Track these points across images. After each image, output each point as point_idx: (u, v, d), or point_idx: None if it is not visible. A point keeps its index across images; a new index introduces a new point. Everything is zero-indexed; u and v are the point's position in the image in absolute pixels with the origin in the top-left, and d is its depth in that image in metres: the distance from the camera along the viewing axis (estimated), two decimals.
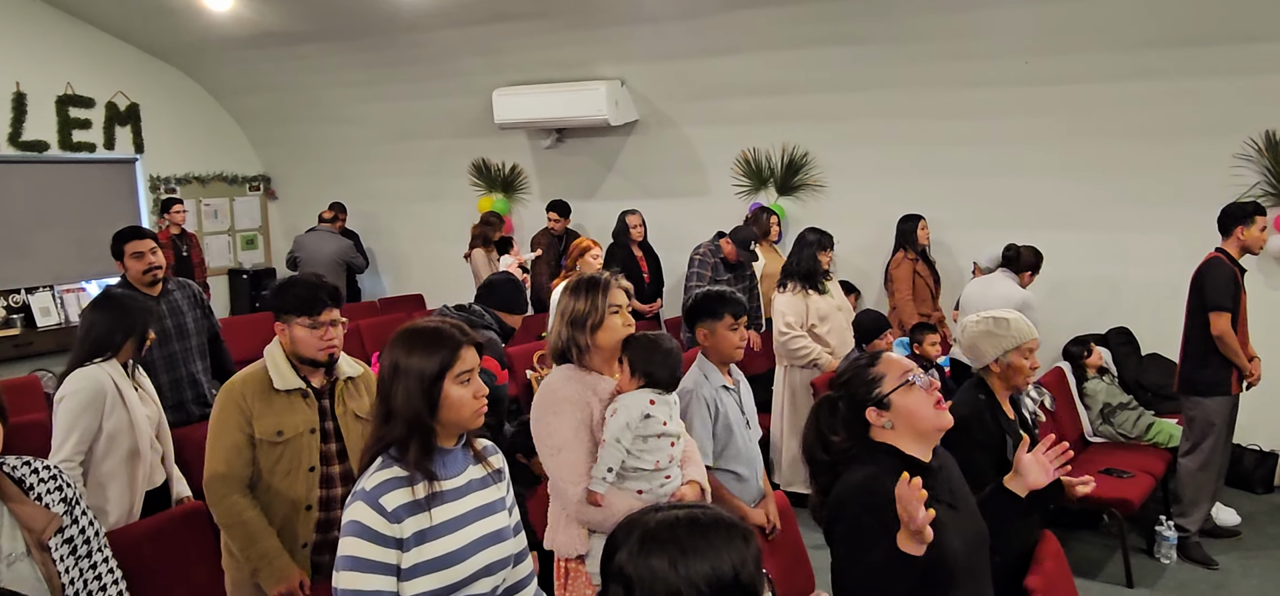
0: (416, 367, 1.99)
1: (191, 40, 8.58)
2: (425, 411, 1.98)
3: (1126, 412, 5.55)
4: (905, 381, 2.23)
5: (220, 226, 9.91)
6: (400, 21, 7.50)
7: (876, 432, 2.25)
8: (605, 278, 2.86)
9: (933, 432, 2.24)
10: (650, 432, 2.69)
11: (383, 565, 1.93)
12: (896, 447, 2.22)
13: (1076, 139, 6.29)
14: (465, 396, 2.01)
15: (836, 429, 2.30)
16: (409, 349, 2.01)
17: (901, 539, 2.00)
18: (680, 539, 1.39)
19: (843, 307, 5.69)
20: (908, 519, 1.95)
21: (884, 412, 2.23)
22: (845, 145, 7.19)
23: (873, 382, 2.25)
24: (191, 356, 4.51)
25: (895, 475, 2.11)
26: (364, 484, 1.97)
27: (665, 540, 1.39)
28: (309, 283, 2.96)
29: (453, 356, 2.00)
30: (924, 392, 2.22)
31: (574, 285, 2.87)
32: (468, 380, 2.02)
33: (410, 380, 1.98)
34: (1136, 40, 5.79)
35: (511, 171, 8.85)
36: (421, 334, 2.04)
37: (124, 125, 8.98)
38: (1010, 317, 3.08)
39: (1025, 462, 2.48)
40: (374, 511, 1.93)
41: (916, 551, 1.99)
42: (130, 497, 3.41)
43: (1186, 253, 4.91)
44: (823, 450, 2.32)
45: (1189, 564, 4.77)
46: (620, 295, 2.84)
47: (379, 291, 9.87)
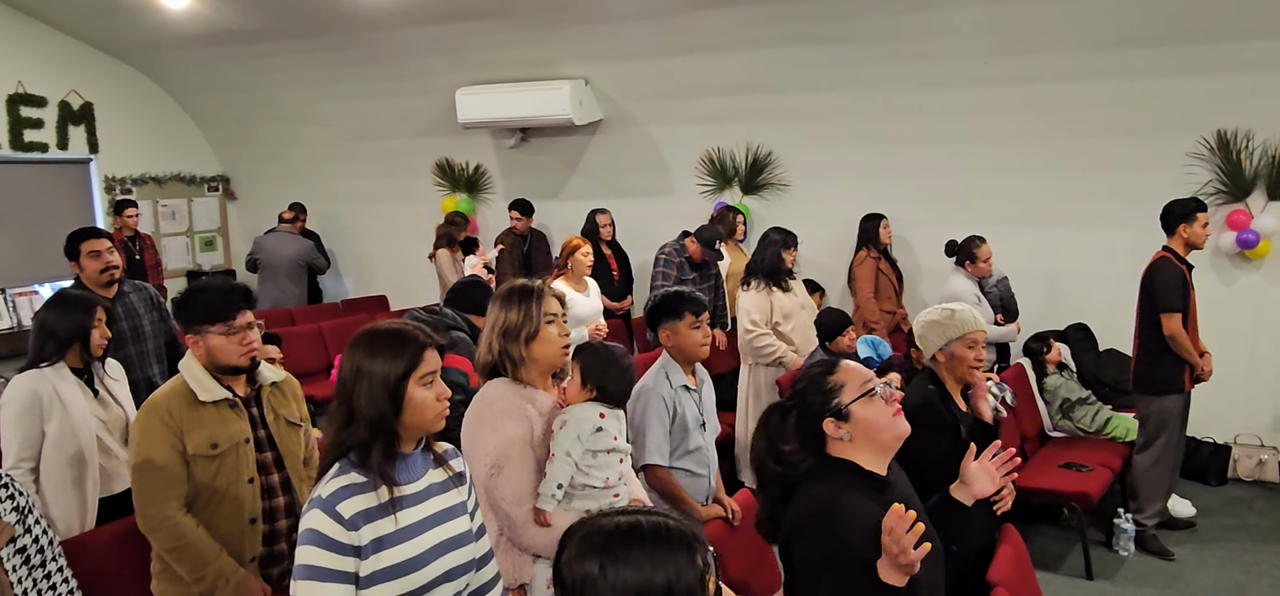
0: (380, 370, 1.95)
1: (147, 38, 8.42)
2: (390, 413, 1.95)
3: (1085, 407, 5.64)
4: (866, 391, 2.13)
5: (178, 228, 9.74)
6: (361, 20, 7.43)
7: (833, 445, 2.15)
8: (538, 286, 2.71)
9: (892, 443, 2.15)
10: (600, 447, 2.59)
11: (340, 573, 1.88)
12: (854, 462, 2.12)
13: (1035, 138, 6.39)
14: (428, 399, 1.98)
15: (788, 437, 2.19)
16: (372, 351, 1.98)
17: (884, 569, 1.92)
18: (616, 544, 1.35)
19: (806, 305, 5.72)
20: (898, 552, 1.87)
21: (843, 424, 2.12)
22: (809, 144, 7.24)
23: (831, 392, 2.15)
24: (148, 360, 4.42)
25: (854, 492, 2.07)
26: (321, 490, 1.93)
27: (601, 545, 1.36)
28: (219, 287, 2.79)
29: (417, 358, 1.97)
30: (884, 403, 2.13)
31: (505, 293, 2.70)
32: (431, 382, 1.99)
33: (374, 382, 1.95)
34: (1093, 41, 5.89)
35: (475, 171, 8.79)
36: (385, 336, 2.00)
37: (77, 125, 8.80)
38: (956, 309, 3.15)
39: (971, 471, 2.38)
40: (330, 519, 1.89)
41: (898, 583, 1.91)
42: (80, 504, 3.33)
43: (1142, 249, 5.01)
44: (774, 460, 2.20)
45: (1146, 555, 4.86)
46: (555, 303, 2.70)
47: (341, 293, 9.76)
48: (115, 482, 3.47)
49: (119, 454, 3.49)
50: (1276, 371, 5.94)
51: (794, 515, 2.12)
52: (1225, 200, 5.92)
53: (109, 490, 3.46)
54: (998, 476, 2.40)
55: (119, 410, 3.55)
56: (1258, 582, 4.54)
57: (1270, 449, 5.93)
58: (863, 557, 1.95)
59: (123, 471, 3.49)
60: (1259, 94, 5.68)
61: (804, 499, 2.11)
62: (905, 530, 1.86)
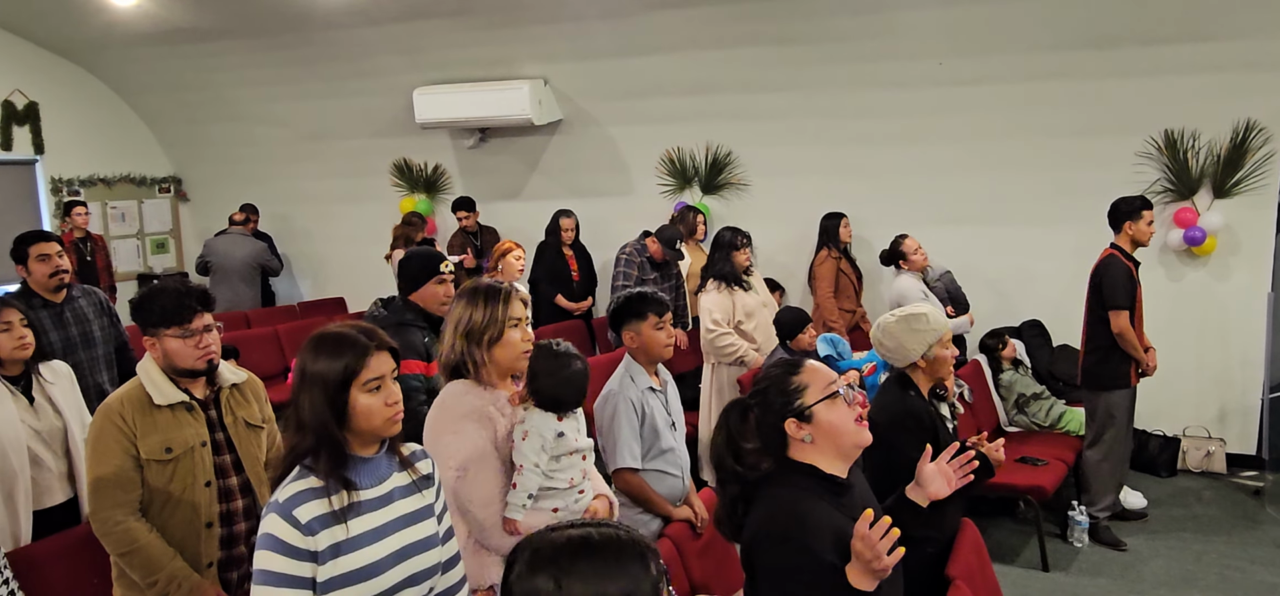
0: (321, 374, 1.91)
1: (94, 36, 8.23)
2: (331, 421, 1.91)
3: (1040, 402, 5.74)
4: (830, 393, 2.09)
5: (128, 230, 9.53)
6: (316, 18, 7.32)
7: (794, 447, 2.11)
8: (505, 287, 2.68)
9: (852, 449, 2.12)
10: (563, 451, 2.58)
11: (296, 578, 1.86)
12: (814, 467, 2.09)
13: (990, 137, 6.48)
14: (375, 405, 1.93)
15: (748, 436, 2.16)
16: (315, 356, 1.94)
17: (854, 574, 1.91)
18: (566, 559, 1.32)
19: (768, 304, 5.75)
20: (872, 557, 1.86)
21: (805, 425, 2.09)
22: (768, 144, 7.27)
23: (794, 393, 2.11)
24: (98, 366, 4.31)
25: (815, 498, 2.05)
26: (278, 495, 1.90)
27: (551, 559, 1.32)
28: (174, 290, 2.73)
29: (358, 363, 1.92)
30: (847, 407, 2.10)
31: (470, 293, 2.67)
32: (377, 388, 1.94)
33: (315, 389, 1.91)
34: (1045, 43, 5.99)
35: (434, 171, 8.71)
36: (326, 340, 1.96)
37: (22, 125, 8.57)
38: (925, 312, 3.14)
39: (926, 473, 2.37)
40: (287, 524, 1.86)
41: (868, 587, 1.91)
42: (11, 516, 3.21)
43: (1093, 247, 5.10)
44: (733, 458, 2.16)
45: (1100, 546, 4.96)
46: (520, 307, 2.67)
47: (297, 295, 9.61)
48: (46, 496, 3.36)
49: (52, 466, 3.37)
50: (1223, 365, 6.10)
51: (756, 522, 2.08)
52: (1172, 198, 6.06)
53: (40, 503, 3.33)
54: (955, 478, 2.39)
55: (56, 419, 3.41)
56: (1206, 571, 4.65)
57: (1218, 440, 6.08)
58: (829, 563, 1.94)
59: (56, 484, 3.38)
60: (1205, 95, 5.81)
61: (766, 505, 2.08)
62: (879, 536, 1.86)
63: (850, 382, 2.15)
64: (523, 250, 5.77)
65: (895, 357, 3.14)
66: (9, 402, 3.28)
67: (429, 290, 3.59)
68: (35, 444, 3.33)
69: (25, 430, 3.30)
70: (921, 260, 6.01)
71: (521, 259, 5.67)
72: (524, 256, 5.77)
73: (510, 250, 5.62)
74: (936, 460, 2.40)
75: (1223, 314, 6.07)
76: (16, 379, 3.35)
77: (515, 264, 5.59)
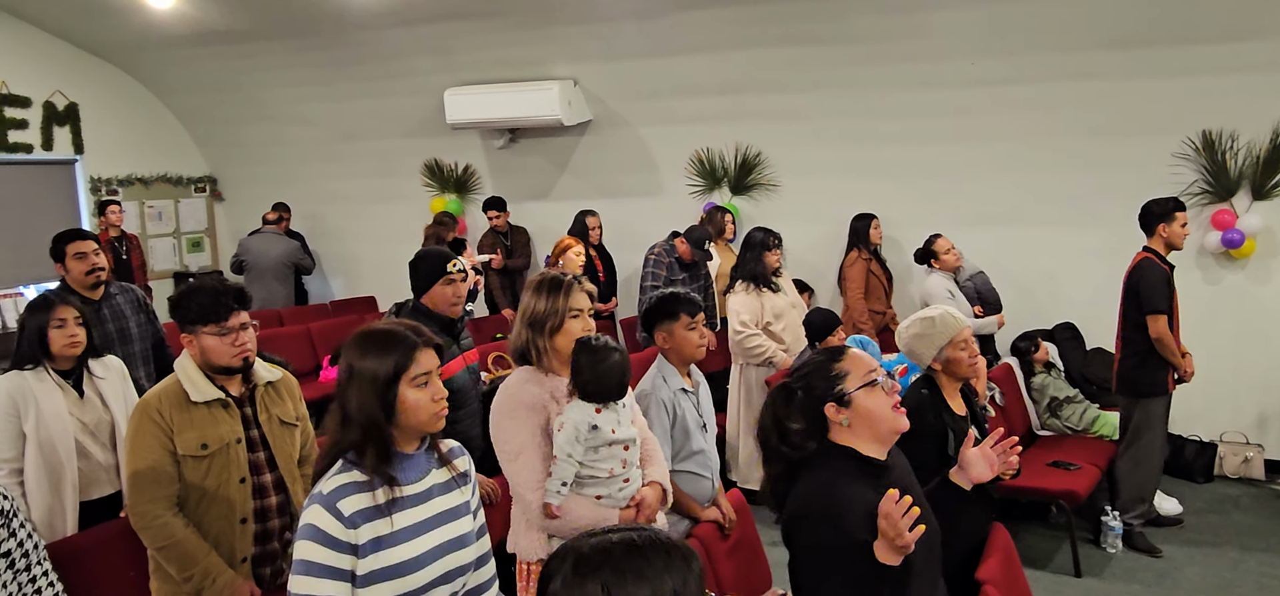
0: (370, 371, 1.94)
1: (132, 38, 8.37)
2: (380, 415, 1.94)
3: (1073, 406, 5.67)
4: (870, 381, 2.20)
5: (165, 229, 9.69)
6: (349, 20, 7.40)
7: (834, 431, 2.22)
8: (569, 279, 2.79)
9: (889, 435, 2.22)
10: (600, 442, 2.64)
11: (336, 570, 1.89)
12: (853, 449, 2.20)
13: (1021, 138, 6.42)
14: (423, 400, 1.97)
15: (794, 417, 2.26)
16: (363, 352, 1.97)
17: (880, 550, 2.00)
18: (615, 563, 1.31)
19: (797, 305, 5.73)
20: (894, 534, 1.95)
21: (843, 410, 2.20)
22: (798, 145, 7.25)
23: (836, 378, 2.22)
24: (135, 363, 4.37)
25: (852, 480, 2.13)
26: (322, 487, 1.93)
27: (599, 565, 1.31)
28: (211, 288, 2.79)
29: (407, 359, 1.96)
30: (885, 395, 2.20)
31: (537, 284, 2.80)
32: (425, 383, 1.98)
33: (364, 384, 1.94)
34: (1080, 42, 5.92)
35: (464, 172, 8.77)
36: (376, 336, 2.00)
37: (62, 125, 8.73)
38: (936, 315, 3.15)
39: (969, 457, 2.46)
40: (330, 515, 1.89)
41: (894, 562, 1.99)
42: (57, 506, 3.31)
43: (1127, 249, 5.03)
44: (779, 438, 2.27)
45: (1134, 553, 4.89)
46: (583, 298, 2.77)
47: (329, 294, 9.72)
48: (93, 488, 3.44)
49: (100, 458, 3.46)
50: (1261, 370, 5.99)
51: (795, 500, 2.19)
52: (1210, 200, 5.96)
53: (87, 495, 3.43)
54: (997, 463, 2.46)
55: (104, 413, 3.50)
56: (1243, 579, 4.57)
57: (1256, 446, 5.98)
58: (860, 541, 2.04)
59: (102, 476, 3.47)
60: (1243, 94, 5.72)
61: (804, 487, 2.19)
62: (901, 514, 1.94)
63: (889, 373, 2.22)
64: (583, 246, 5.87)
65: (912, 359, 3.20)
66: (58, 396, 3.37)
67: (438, 292, 3.60)
68: (82, 436, 3.42)
69: (73, 423, 3.39)
70: (953, 260, 5.98)
71: (582, 256, 5.79)
72: (584, 253, 5.86)
73: (569, 246, 5.78)
74: (980, 445, 2.47)
75: (1262, 317, 5.97)
76: (67, 373, 3.44)
77: (575, 260, 5.75)
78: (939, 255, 5.96)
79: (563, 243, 5.81)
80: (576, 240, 5.87)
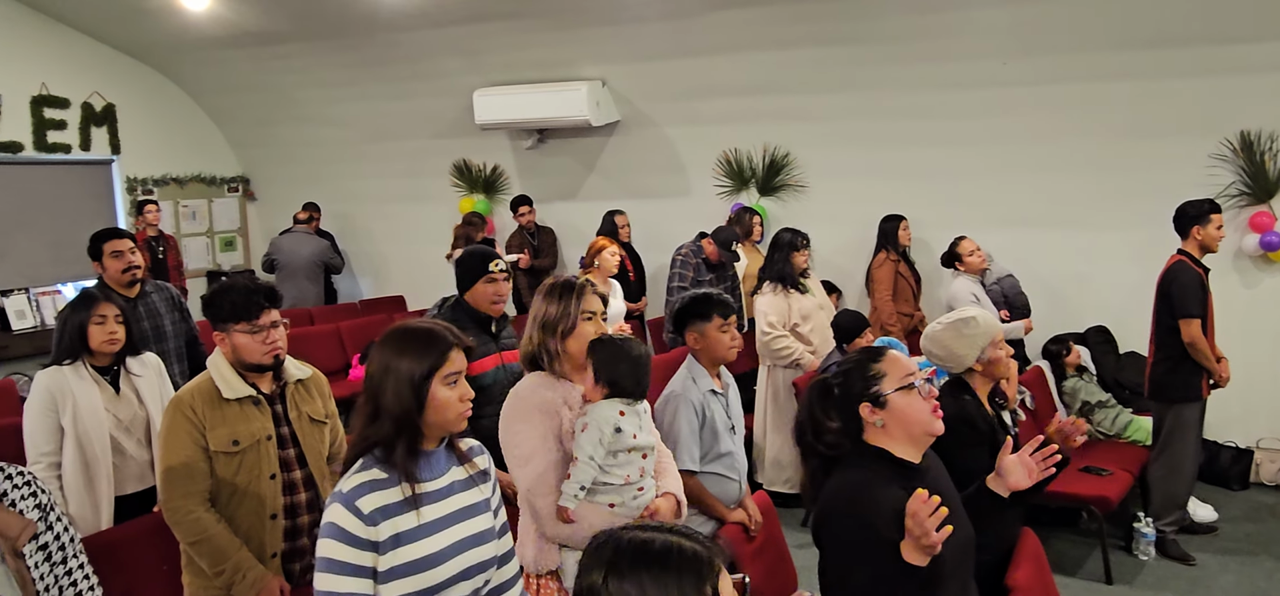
0: (406, 368, 1.98)
1: (168, 40, 8.50)
2: (414, 411, 1.97)
3: (1105, 410, 5.60)
4: (907, 384, 2.20)
5: (199, 228, 9.82)
6: (380, 21, 7.46)
7: (868, 431, 2.22)
8: (581, 282, 2.78)
9: (924, 438, 2.21)
10: (620, 447, 2.60)
11: (357, 567, 1.91)
12: (887, 451, 2.20)
13: (1055, 139, 6.35)
14: (451, 398, 2.00)
15: (830, 414, 2.27)
16: (400, 349, 2.00)
17: (907, 550, 2.00)
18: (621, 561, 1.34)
19: (825, 306, 5.71)
20: (921, 533, 1.94)
21: (878, 410, 2.19)
22: (826, 145, 7.22)
23: (873, 378, 2.21)
24: (169, 360, 4.44)
25: (885, 481, 2.12)
26: (342, 485, 1.97)
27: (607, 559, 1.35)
28: (243, 287, 2.84)
29: (442, 358, 1.99)
30: (923, 399, 2.19)
31: (548, 288, 2.79)
32: (454, 382, 2.01)
33: (400, 380, 1.97)
34: (1113, 41, 5.85)
35: (493, 172, 8.82)
36: (412, 334, 2.03)
37: (100, 126, 8.88)
38: (974, 315, 3.10)
39: (1007, 463, 2.44)
40: (350, 514, 1.92)
41: (921, 562, 1.98)
42: (93, 501, 3.37)
43: (1163, 252, 4.95)
44: (814, 434, 2.27)
45: (1167, 560, 4.82)
46: (595, 301, 2.75)
47: (358, 293, 9.81)
48: (127, 483, 3.50)
49: (134, 454, 3.52)
50: None
51: (826, 499, 2.21)
52: (1249, 202, 5.87)
53: (122, 489, 3.49)
54: (1037, 469, 2.44)
55: (140, 410, 3.57)
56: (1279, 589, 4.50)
57: None
58: (889, 540, 2.03)
59: (136, 471, 3.53)
60: None
61: (836, 485, 2.20)
62: (928, 514, 1.93)
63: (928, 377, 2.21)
64: (617, 247, 5.89)
65: (949, 365, 3.10)
66: (95, 392, 3.44)
67: (479, 289, 3.63)
68: (118, 432, 3.48)
69: (109, 419, 3.45)
70: (978, 263, 5.91)
71: (617, 256, 5.82)
72: (619, 253, 5.89)
73: (604, 247, 5.82)
74: (1019, 452, 2.45)
75: None
76: (104, 370, 3.51)
77: (610, 260, 5.77)
78: (963, 257, 5.89)
79: (597, 243, 5.84)
80: (610, 240, 5.89)
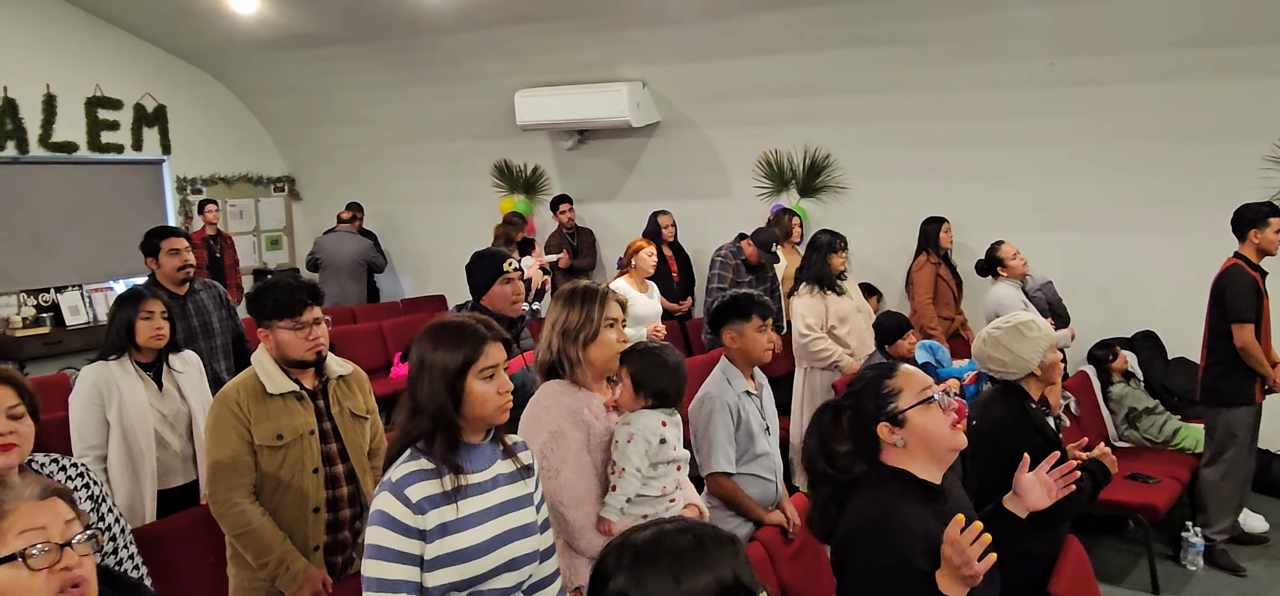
0: (440, 362, 2.01)
1: (217, 42, 8.67)
2: (449, 405, 2.00)
3: (1153, 417, 5.50)
4: (925, 398, 2.06)
5: (245, 227, 10.00)
6: (423, 23, 7.55)
7: (887, 452, 2.09)
8: (603, 289, 2.75)
9: (947, 454, 2.09)
10: (662, 458, 2.59)
11: (405, 555, 1.95)
12: (907, 471, 2.06)
13: (1102, 141, 6.23)
14: (489, 392, 2.02)
15: (841, 438, 2.15)
16: (434, 344, 2.04)
17: (944, 581, 1.89)
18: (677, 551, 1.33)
19: (862, 309, 5.67)
20: (961, 563, 1.85)
21: (897, 430, 2.06)
22: (867, 147, 7.16)
23: (887, 397, 2.08)
24: (216, 356, 4.55)
25: (908, 503, 2.03)
26: (391, 475, 2.01)
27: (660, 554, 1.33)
28: (286, 284, 2.90)
29: (475, 352, 2.02)
30: (942, 412, 2.06)
31: (569, 294, 2.73)
32: (491, 376, 2.03)
33: (434, 375, 2.00)
34: (1163, 41, 5.73)
35: (533, 172, 8.87)
36: (446, 329, 2.06)
37: (151, 126, 9.08)
38: (1031, 318, 3.07)
39: (1025, 482, 2.34)
40: (398, 502, 1.96)
41: (958, 594, 1.89)
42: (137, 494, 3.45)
43: (1212, 256, 4.85)
44: (825, 461, 2.15)
45: (1216, 570, 4.71)
46: (616, 308, 2.71)
47: (399, 292, 9.92)
48: (170, 477, 3.58)
49: (177, 448, 3.60)
50: None
51: (847, 525, 2.07)
52: None
53: (164, 483, 3.56)
54: (1056, 489, 2.35)
55: (182, 405, 3.64)
56: None
57: None
58: (919, 569, 1.92)
59: (178, 466, 3.60)
60: None
61: (857, 508, 2.06)
62: (970, 541, 1.83)
63: (947, 389, 2.11)
64: (654, 247, 5.92)
65: (1011, 369, 3.00)
66: (139, 386, 3.52)
67: (497, 291, 3.65)
68: (161, 427, 3.56)
69: (153, 413, 3.53)
70: (1020, 267, 5.80)
71: (654, 256, 5.83)
72: (655, 253, 5.89)
73: (641, 247, 5.84)
74: (1036, 469, 2.35)
75: None
76: (147, 366, 3.58)
77: (648, 261, 5.76)
78: (1005, 262, 5.78)
79: (635, 244, 5.85)
80: (648, 241, 5.90)
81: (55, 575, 1.53)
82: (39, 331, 8.11)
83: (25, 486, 1.60)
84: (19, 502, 1.56)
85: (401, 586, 1.94)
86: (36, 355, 7.86)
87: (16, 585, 1.51)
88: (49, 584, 1.52)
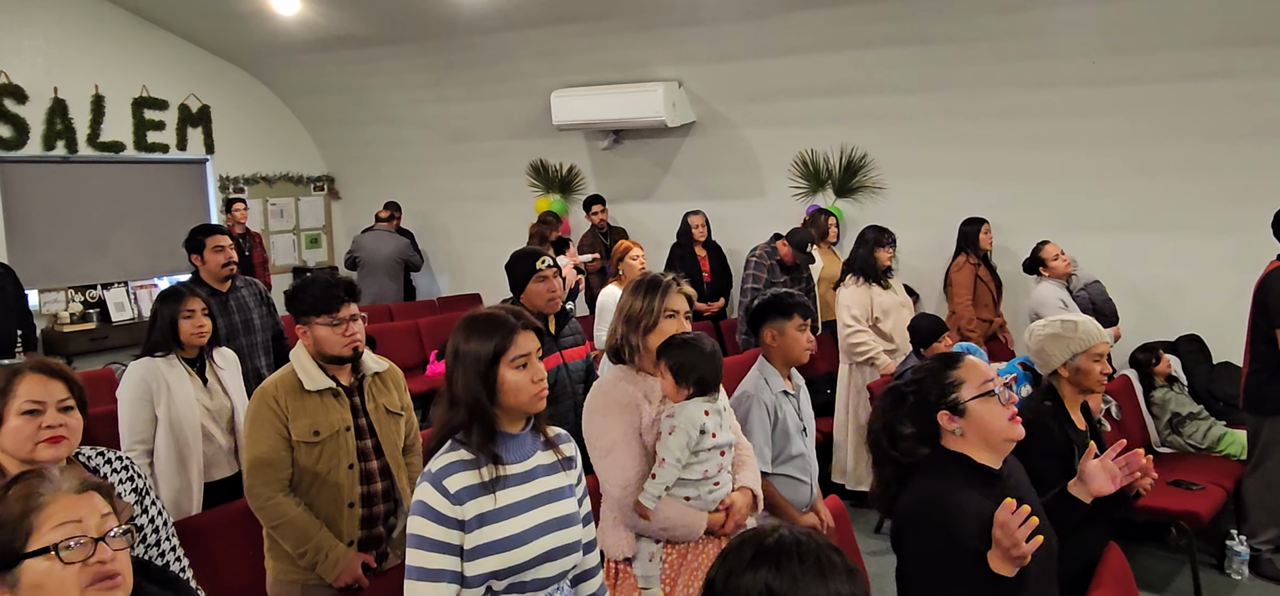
0: (473, 352, 2.03)
1: (260, 44, 8.81)
2: (483, 395, 2.02)
3: (1196, 422, 5.38)
4: (986, 391, 2.17)
5: (285, 225, 10.15)
6: (460, 24, 7.61)
7: (946, 438, 2.20)
8: (667, 280, 2.81)
9: (1003, 445, 2.19)
10: (702, 447, 2.64)
11: (445, 544, 1.97)
12: (967, 456, 2.17)
13: (1144, 141, 6.13)
14: (522, 380, 2.03)
15: (904, 421, 2.24)
16: (467, 335, 2.06)
17: (994, 560, 1.97)
18: (797, 557, 1.37)
19: (906, 304, 5.68)
20: (1011, 544, 1.92)
21: (957, 418, 2.18)
22: (904, 147, 7.10)
23: (950, 386, 2.20)
24: (257, 352, 4.63)
25: (965, 487, 2.10)
26: (431, 465, 2.03)
27: (805, 553, 1.37)
28: (324, 281, 2.95)
29: (506, 341, 2.03)
30: (1001, 405, 2.17)
31: (636, 283, 2.84)
32: (524, 365, 2.04)
33: (468, 365, 2.03)
34: (1206, 39, 5.61)
35: (569, 172, 8.90)
36: (478, 320, 2.08)
37: (195, 126, 9.25)
38: (1079, 320, 3.05)
39: (1090, 469, 2.40)
40: (437, 492, 1.98)
41: (1009, 573, 1.96)
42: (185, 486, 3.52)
43: (1261, 258, 4.74)
44: (889, 442, 2.25)
45: (1262, 580, 4.61)
46: (679, 300, 2.79)
47: (436, 291, 10.01)
48: (214, 469, 3.65)
49: (221, 442, 3.67)
50: None
51: (905, 507, 2.18)
52: None
53: (209, 476, 3.64)
54: (1120, 476, 2.39)
55: (225, 400, 3.72)
56: None
57: None
58: (973, 550, 2.00)
59: (223, 459, 3.67)
60: None
61: (915, 492, 2.17)
62: (1018, 523, 1.90)
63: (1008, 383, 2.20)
64: (643, 249, 5.80)
65: (1037, 363, 3.09)
66: (187, 382, 3.59)
67: (533, 289, 3.71)
68: (206, 421, 3.63)
69: (199, 408, 3.60)
70: (1063, 267, 5.75)
71: (641, 258, 5.69)
72: (643, 255, 5.79)
73: (629, 249, 5.63)
74: (1101, 457, 2.41)
75: None
76: (192, 361, 3.66)
77: (635, 265, 5.62)
78: (1048, 262, 5.74)
79: (621, 246, 5.71)
80: (635, 242, 5.78)
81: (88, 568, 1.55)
82: (86, 327, 8.30)
83: (63, 479, 1.63)
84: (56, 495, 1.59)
85: (441, 575, 1.96)
86: (83, 350, 8.04)
87: (51, 578, 1.54)
88: (81, 577, 1.54)
